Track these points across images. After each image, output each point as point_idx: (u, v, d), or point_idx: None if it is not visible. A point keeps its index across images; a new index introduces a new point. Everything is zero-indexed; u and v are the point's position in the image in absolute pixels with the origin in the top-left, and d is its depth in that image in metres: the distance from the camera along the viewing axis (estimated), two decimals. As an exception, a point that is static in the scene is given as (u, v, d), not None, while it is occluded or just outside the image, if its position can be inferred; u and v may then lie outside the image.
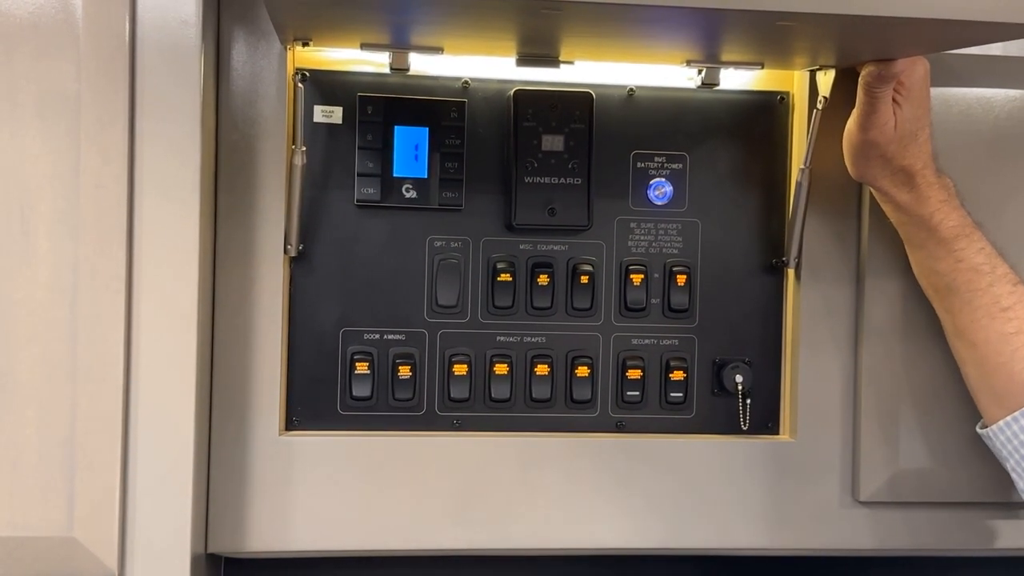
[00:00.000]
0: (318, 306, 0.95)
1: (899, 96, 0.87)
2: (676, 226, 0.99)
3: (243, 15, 0.91)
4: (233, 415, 0.92)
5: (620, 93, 0.97)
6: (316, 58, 0.94)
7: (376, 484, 0.94)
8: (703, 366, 0.99)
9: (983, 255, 0.89)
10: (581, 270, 0.97)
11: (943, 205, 0.89)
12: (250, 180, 0.91)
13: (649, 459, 0.97)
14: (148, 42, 0.83)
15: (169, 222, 0.84)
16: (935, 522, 0.99)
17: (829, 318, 0.98)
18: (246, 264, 0.92)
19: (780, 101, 0.99)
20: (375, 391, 0.95)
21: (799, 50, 0.89)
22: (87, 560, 0.83)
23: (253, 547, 0.92)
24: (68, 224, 0.83)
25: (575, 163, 0.96)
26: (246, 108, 0.91)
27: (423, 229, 0.96)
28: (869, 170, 0.91)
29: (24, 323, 0.82)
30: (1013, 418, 0.88)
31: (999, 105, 0.99)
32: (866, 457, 0.98)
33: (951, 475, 0.98)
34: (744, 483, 0.98)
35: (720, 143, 0.99)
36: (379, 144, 0.94)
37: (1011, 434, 0.88)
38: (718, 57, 0.92)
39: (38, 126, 0.82)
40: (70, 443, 0.83)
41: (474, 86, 0.95)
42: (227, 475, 0.92)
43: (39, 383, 0.83)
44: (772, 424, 1.00)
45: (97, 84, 0.82)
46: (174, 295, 0.84)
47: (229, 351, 0.92)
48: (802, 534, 0.98)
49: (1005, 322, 0.88)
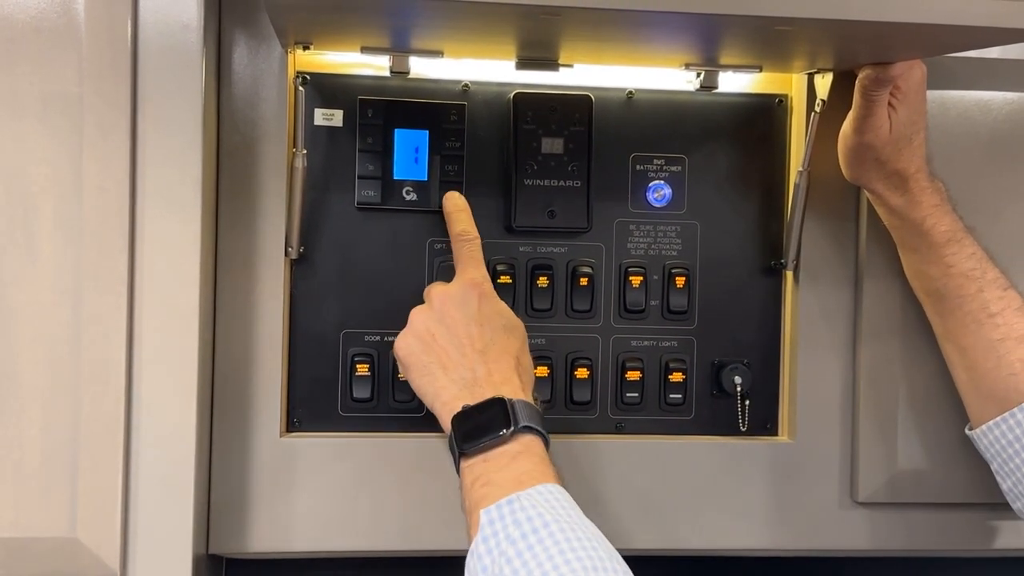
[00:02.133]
0: (319, 308, 0.95)
1: (895, 100, 0.88)
2: (675, 228, 0.99)
3: (244, 19, 0.91)
4: (234, 417, 0.92)
5: (619, 96, 0.98)
6: (317, 61, 0.94)
7: (377, 485, 0.94)
8: (702, 368, 1.00)
9: (973, 260, 0.90)
10: (580, 272, 0.97)
11: (935, 210, 0.90)
12: (251, 183, 0.92)
13: (648, 460, 0.98)
14: (150, 46, 0.84)
15: (171, 225, 0.84)
16: (933, 523, 1.00)
17: (827, 320, 0.99)
18: (247, 266, 0.92)
19: (778, 104, 1.00)
20: (376, 393, 0.96)
21: (797, 53, 0.89)
22: (89, 561, 0.84)
23: (254, 548, 0.93)
24: (70, 227, 0.83)
25: (574, 166, 0.96)
26: (247, 111, 0.91)
27: (423, 231, 0.96)
28: (863, 173, 0.92)
29: (27, 326, 0.83)
30: (995, 423, 0.89)
31: (997, 108, 0.99)
32: (864, 458, 0.98)
33: (949, 476, 0.99)
34: (743, 484, 0.98)
35: (719, 146, 0.99)
36: (379, 147, 0.94)
37: (994, 438, 0.89)
38: (716, 60, 0.93)
39: (40, 130, 0.82)
40: (73, 445, 0.83)
41: (474, 89, 0.96)
42: (228, 476, 0.92)
43: (42, 385, 0.83)
44: (771, 425, 1.01)
45: (99, 88, 0.83)
46: (176, 297, 0.85)
47: (230, 353, 0.92)
48: (801, 535, 0.99)
49: (992, 328, 0.88)
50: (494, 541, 0.71)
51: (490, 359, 0.82)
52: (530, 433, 0.78)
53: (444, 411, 0.80)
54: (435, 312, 0.84)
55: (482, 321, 0.83)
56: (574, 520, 0.72)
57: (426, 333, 0.84)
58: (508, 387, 0.80)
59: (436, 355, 0.83)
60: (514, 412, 0.77)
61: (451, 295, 0.85)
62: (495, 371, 0.82)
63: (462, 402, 0.79)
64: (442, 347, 0.83)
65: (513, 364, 0.83)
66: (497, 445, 0.77)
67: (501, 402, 0.78)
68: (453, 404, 0.80)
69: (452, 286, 0.86)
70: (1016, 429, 0.88)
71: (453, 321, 0.83)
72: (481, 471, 0.77)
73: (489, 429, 0.77)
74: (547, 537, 0.69)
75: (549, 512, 0.71)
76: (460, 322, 0.83)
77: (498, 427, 0.77)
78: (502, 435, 0.77)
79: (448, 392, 0.81)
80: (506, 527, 0.71)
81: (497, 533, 0.71)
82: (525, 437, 0.78)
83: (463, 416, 0.79)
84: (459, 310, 0.84)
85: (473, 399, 0.79)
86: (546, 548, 0.69)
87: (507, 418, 0.77)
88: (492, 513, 0.72)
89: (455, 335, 0.83)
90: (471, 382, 0.81)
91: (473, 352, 0.82)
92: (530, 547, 0.69)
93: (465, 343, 0.82)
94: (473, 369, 0.81)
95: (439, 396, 0.81)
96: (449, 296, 0.85)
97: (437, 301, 0.85)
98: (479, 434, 0.77)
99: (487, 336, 0.83)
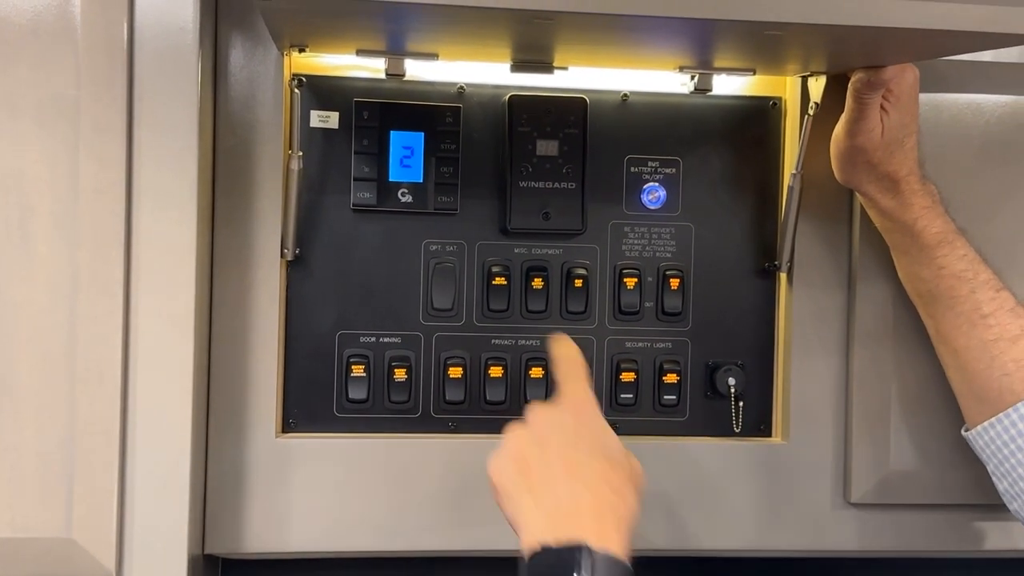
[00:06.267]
0: (315, 309, 0.96)
1: (887, 103, 0.88)
2: (669, 230, 0.99)
3: (240, 21, 0.91)
4: (230, 417, 0.93)
5: (614, 98, 0.98)
6: (312, 64, 0.94)
7: (372, 486, 0.94)
8: (696, 369, 1.00)
9: (965, 262, 0.90)
10: (575, 274, 0.98)
11: (926, 212, 0.90)
12: (247, 185, 0.92)
13: (642, 461, 0.97)
14: (146, 48, 0.84)
15: (167, 227, 0.85)
16: (925, 524, 1.00)
17: (821, 322, 0.99)
18: (243, 268, 0.92)
19: (772, 106, 1.00)
20: (371, 394, 0.96)
21: (790, 57, 0.89)
22: (85, 561, 0.84)
23: (250, 548, 0.93)
24: (67, 229, 0.83)
25: (569, 168, 0.97)
26: (243, 113, 0.92)
27: (419, 233, 0.96)
28: (855, 175, 0.92)
29: (23, 327, 0.83)
30: (989, 424, 0.89)
31: (989, 110, 0.99)
32: (857, 459, 0.98)
33: (941, 477, 0.99)
34: (736, 485, 0.99)
35: (713, 148, 1.00)
36: (375, 149, 0.95)
37: (989, 439, 0.89)
38: (711, 63, 0.93)
39: (37, 131, 0.83)
40: (69, 445, 0.84)
41: (469, 91, 0.96)
42: (224, 477, 0.93)
43: (38, 386, 0.84)
44: (764, 426, 1.01)
45: (95, 91, 0.83)
46: (172, 298, 0.85)
47: (226, 354, 0.92)
48: (793, 535, 0.99)
49: (985, 329, 0.89)
50: None
51: (582, 488, 0.72)
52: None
53: (525, 543, 0.71)
54: (530, 432, 0.76)
55: (579, 445, 0.75)
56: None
57: (519, 455, 0.75)
58: (595, 526, 0.69)
59: (527, 480, 0.73)
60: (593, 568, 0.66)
61: (548, 415, 0.77)
62: (585, 505, 0.71)
63: (541, 540, 0.69)
64: (533, 469, 0.73)
65: (609, 498, 0.72)
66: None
67: (578, 551, 0.67)
68: (533, 539, 0.70)
69: (551, 405, 0.78)
70: (1011, 429, 0.88)
71: (546, 442, 0.74)
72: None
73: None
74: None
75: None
76: (554, 444, 0.74)
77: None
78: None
79: (534, 522, 0.71)
80: None
81: None
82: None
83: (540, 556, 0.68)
84: (556, 430, 0.75)
85: (556, 534, 0.69)
86: None
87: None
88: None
89: (547, 458, 0.74)
90: (554, 512, 0.71)
91: (565, 478, 0.72)
92: None
93: (557, 467, 0.73)
94: (559, 498, 0.71)
95: (526, 525, 0.72)
96: (546, 415, 0.77)
97: (533, 420, 0.77)
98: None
99: (584, 462, 0.73)
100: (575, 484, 0.72)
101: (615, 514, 0.71)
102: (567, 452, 0.74)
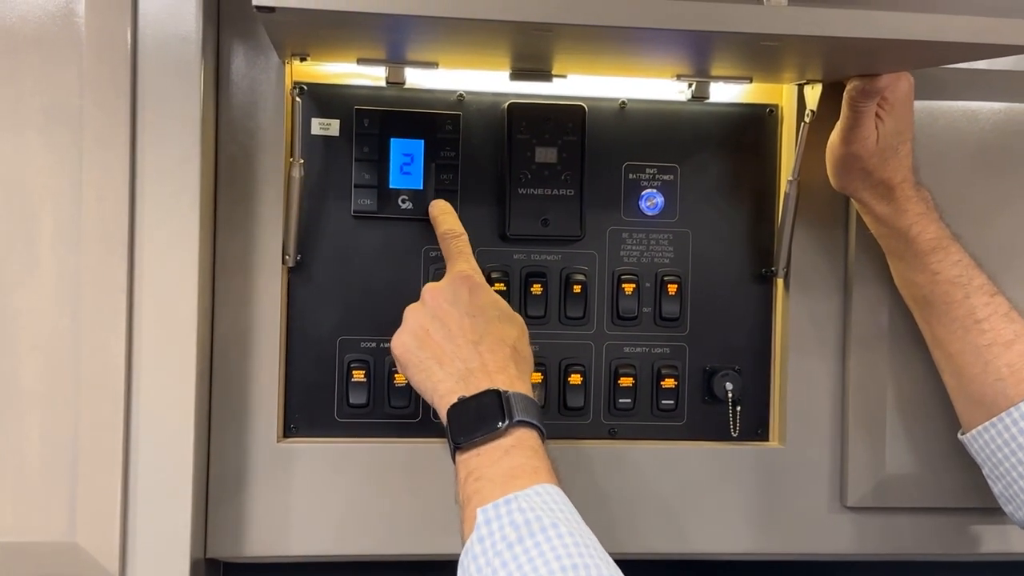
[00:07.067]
0: (315, 315, 0.96)
1: (882, 111, 0.89)
2: (667, 236, 1.00)
3: (242, 31, 0.92)
4: (232, 422, 0.93)
5: (612, 106, 0.99)
6: (314, 72, 0.95)
7: (373, 490, 0.95)
8: (694, 374, 1.01)
9: (959, 267, 0.91)
10: (574, 279, 0.98)
11: (920, 218, 0.91)
12: (249, 191, 0.93)
13: (640, 465, 0.99)
14: (149, 58, 0.85)
15: (170, 233, 0.86)
16: (921, 527, 1.01)
17: (817, 327, 1.00)
18: (245, 274, 0.93)
19: (769, 114, 1.01)
20: (371, 398, 0.97)
21: (786, 66, 0.90)
22: (89, 565, 0.85)
23: (252, 552, 0.94)
24: (71, 235, 0.84)
25: (568, 175, 0.97)
26: (245, 121, 0.93)
27: (419, 239, 0.97)
28: (850, 182, 0.93)
29: (28, 331, 0.84)
30: (984, 427, 0.90)
31: (984, 117, 1.00)
32: (854, 463, 0.99)
33: (937, 481, 1.00)
34: (733, 489, 0.99)
35: (710, 155, 1.00)
36: (375, 156, 0.96)
37: (984, 442, 0.90)
38: (708, 72, 0.94)
39: (41, 141, 0.84)
40: (72, 449, 0.84)
41: (469, 99, 0.97)
42: (226, 481, 0.93)
43: (42, 390, 0.84)
44: (761, 431, 1.02)
45: (99, 98, 0.84)
46: (174, 304, 0.86)
47: (228, 359, 0.93)
48: (790, 539, 1.00)
49: (979, 334, 0.89)
50: (490, 541, 0.72)
51: (484, 349, 0.81)
52: (524, 426, 0.77)
53: (441, 404, 0.80)
54: (428, 308, 0.84)
55: (474, 312, 0.83)
56: (571, 523, 0.73)
57: (420, 329, 0.83)
58: (503, 376, 0.80)
59: (431, 350, 0.82)
60: (508, 405, 0.77)
61: (442, 290, 0.84)
62: (490, 361, 0.81)
63: (457, 394, 0.79)
64: (436, 342, 0.82)
65: (509, 353, 0.82)
66: (490, 440, 0.77)
67: (495, 394, 0.78)
68: (449, 397, 0.79)
69: (443, 281, 0.86)
70: (1005, 433, 0.89)
71: (445, 315, 0.83)
72: (475, 465, 0.77)
73: (483, 422, 0.77)
74: (543, 541, 0.70)
75: (547, 515, 0.72)
76: (452, 315, 0.83)
77: (492, 421, 0.77)
78: (497, 429, 0.76)
79: (444, 385, 0.81)
80: (502, 527, 0.72)
81: (493, 533, 0.72)
82: (519, 430, 0.77)
83: (458, 408, 0.78)
84: (451, 303, 0.83)
85: (468, 390, 0.79)
86: (541, 552, 0.70)
87: (501, 411, 0.77)
88: (489, 512, 0.73)
89: (448, 328, 0.82)
90: (466, 373, 0.80)
91: (467, 343, 0.82)
92: (525, 550, 0.70)
93: (458, 335, 0.82)
94: (467, 360, 0.81)
95: (436, 390, 0.81)
96: (440, 291, 0.84)
97: (429, 297, 0.84)
98: (473, 428, 0.77)
99: (480, 327, 0.82)
100: (478, 347, 0.82)
101: (518, 367, 0.82)
102: (465, 321, 0.83)
